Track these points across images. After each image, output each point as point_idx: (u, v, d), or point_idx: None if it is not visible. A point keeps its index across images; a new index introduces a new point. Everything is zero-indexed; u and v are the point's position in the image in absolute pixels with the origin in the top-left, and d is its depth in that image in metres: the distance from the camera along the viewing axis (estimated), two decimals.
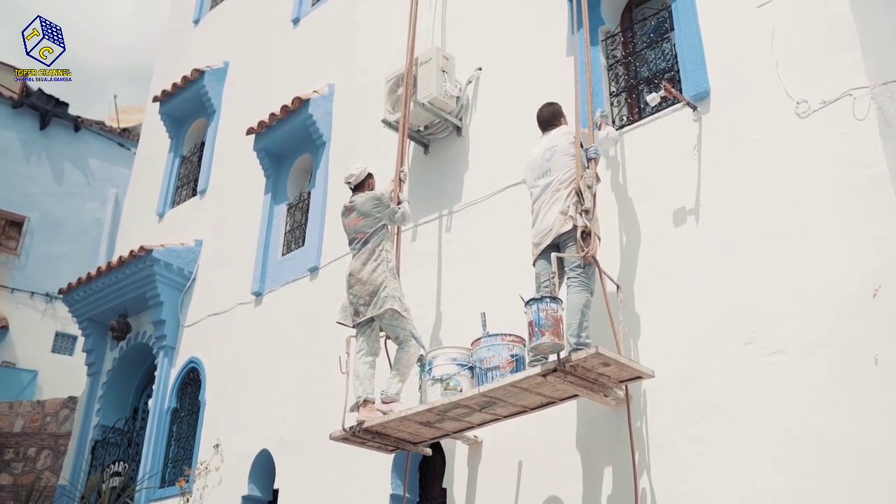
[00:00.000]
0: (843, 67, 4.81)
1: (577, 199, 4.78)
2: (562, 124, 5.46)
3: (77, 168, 18.17)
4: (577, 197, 4.78)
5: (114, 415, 10.06)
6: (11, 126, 17.61)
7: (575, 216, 4.72)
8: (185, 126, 11.40)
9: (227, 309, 8.97)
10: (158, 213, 11.04)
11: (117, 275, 9.73)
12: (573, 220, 4.73)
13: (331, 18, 9.65)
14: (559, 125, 5.44)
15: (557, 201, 4.90)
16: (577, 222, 4.75)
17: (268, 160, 9.22)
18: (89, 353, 10.49)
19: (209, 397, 8.66)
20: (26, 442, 10.55)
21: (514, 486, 5.48)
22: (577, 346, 4.46)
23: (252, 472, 7.70)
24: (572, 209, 4.78)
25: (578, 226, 4.77)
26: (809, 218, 4.67)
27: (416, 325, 5.83)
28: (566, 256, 4.73)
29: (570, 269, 4.76)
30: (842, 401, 4.24)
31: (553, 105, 5.53)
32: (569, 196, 4.85)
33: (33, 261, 16.75)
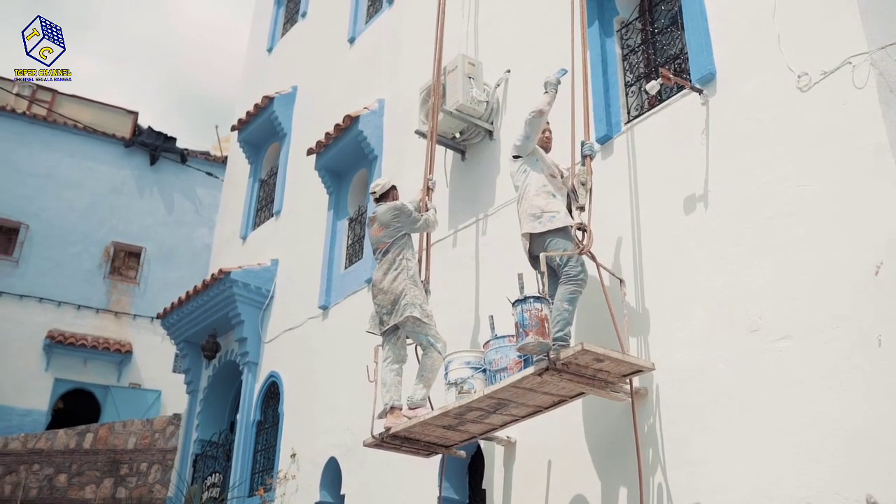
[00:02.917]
0: (843, 34, 4.59)
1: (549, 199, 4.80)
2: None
3: (186, 198, 19.34)
4: (546, 197, 4.79)
5: (211, 429, 10.67)
6: (125, 164, 18.97)
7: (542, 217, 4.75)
8: (262, 151, 11.96)
9: (300, 324, 9.36)
10: (242, 235, 11.62)
11: (203, 297, 10.33)
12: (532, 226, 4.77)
13: (380, 35, 9.91)
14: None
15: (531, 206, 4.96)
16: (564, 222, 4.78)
17: (328, 178, 9.56)
18: (187, 372, 11.17)
19: (287, 409, 9.07)
20: (138, 458, 11.36)
21: (546, 484, 5.50)
22: (556, 343, 4.44)
23: (323, 479, 8.01)
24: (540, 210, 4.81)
25: (573, 224, 4.77)
26: (812, 196, 4.48)
27: (457, 328, 5.93)
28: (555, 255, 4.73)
29: (552, 266, 4.77)
30: (848, 385, 4.05)
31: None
32: (536, 195, 4.87)
33: (151, 287, 17.96)
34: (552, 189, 5.03)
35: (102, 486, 11.33)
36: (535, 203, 4.94)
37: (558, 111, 5.71)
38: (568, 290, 4.67)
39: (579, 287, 4.74)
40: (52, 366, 16.51)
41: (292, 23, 12.67)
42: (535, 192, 4.98)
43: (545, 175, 5.09)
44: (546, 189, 4.97)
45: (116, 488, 11.30)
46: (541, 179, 5.03)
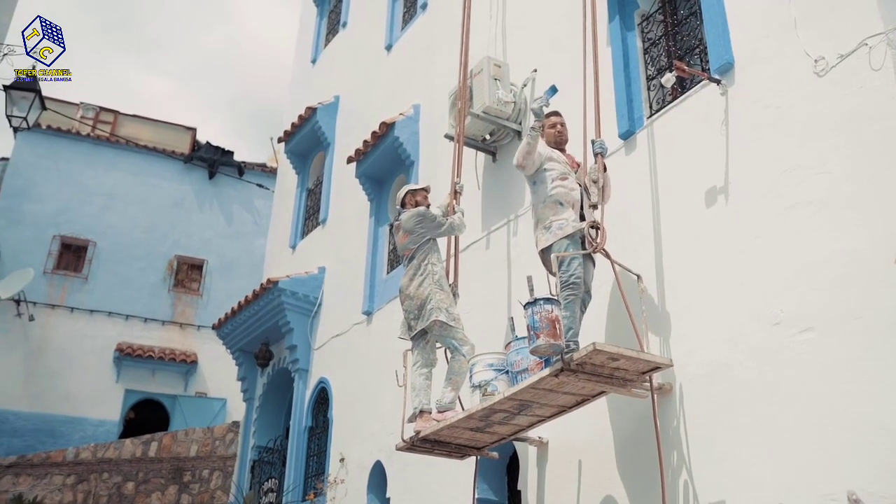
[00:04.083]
0: (858, 15, 4.46)
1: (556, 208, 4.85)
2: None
3: (244, 210, 19.79)
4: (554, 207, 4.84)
5: (267, 435, 10.90)
6: (185, 180, 19.52)
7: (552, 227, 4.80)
8: (308, 161, 12.17)
9: (346, 330, 9.50)
10: (291, 245, 11.85)
11: (254, 307, 10.57)
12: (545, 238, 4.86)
13: (415, 40, 9.99)
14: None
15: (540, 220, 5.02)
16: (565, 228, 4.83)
17: (369, 185, 9.68)
18: (243, 380, 11.44)
19: (335, 414, 9.21)
20: (200, 465, 11.68)
21: (577, 485, 5.47)
22: (567, 348, 4.42)
23: (370, 483, 8.11)
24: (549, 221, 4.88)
25: (586, 222, 4.75)
26: (831, 183, 4.36)
27: (492, 330, 5.93)
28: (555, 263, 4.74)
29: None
30: (872, 377, 3.93)
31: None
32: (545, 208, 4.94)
33: (214, 299, 18.42)
34: (559, 197, 5.04)
35: (167, 493, 11.72)
36: (545, 215, 5.02)
37: (573, 108, 5.69)
38: (562, 296, 4.67)
39: (573, 291, 4.72)
40: (122, 377, 17.09)
41: (334, 33, 12.86)
42: (544, 205, 5.04)
43: (555, 181, 5.10)
44: (553, 199, 5.01)
45: (180, 495, 11.66)
46: (547, 189, 5.06)
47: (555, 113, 5.63)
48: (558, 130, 5.52)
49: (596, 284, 5.31)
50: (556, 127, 5.52)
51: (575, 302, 4.71)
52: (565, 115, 6.14)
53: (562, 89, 6.59)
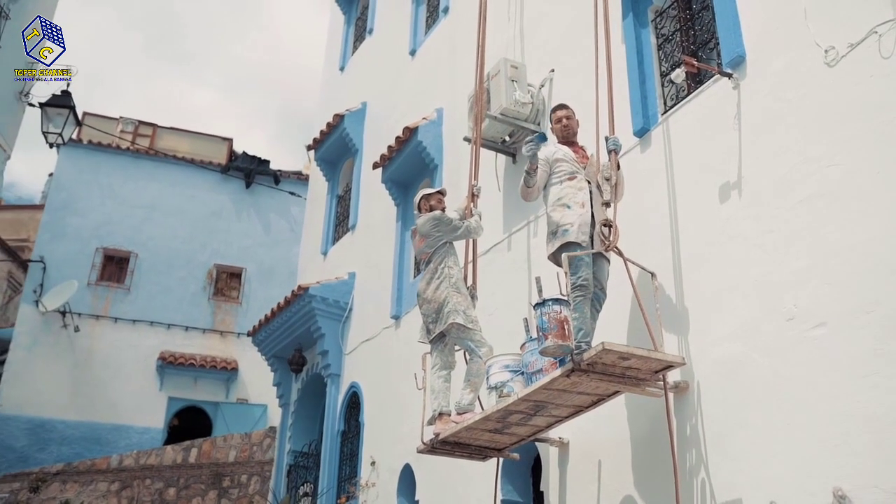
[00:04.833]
0: (868, 2, 4.38)
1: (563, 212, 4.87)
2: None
3: (281, 217, 20.03)
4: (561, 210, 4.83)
5: (302, 440, 11.03)
6: (222, 190, 19.83)
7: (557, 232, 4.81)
8: (338, 168, 12.29)
9: (376, 334, 9.57)
10: (322, 251, 11.97)
11: (286, 314, 10.71)
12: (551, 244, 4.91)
13: (438, 45, 10.04)
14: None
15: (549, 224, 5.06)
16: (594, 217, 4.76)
17: (395, 189, 9.75)
18: (278, 386, 11.59)
19: (367, 418, 9.28)
20: (239, 470, 11.86)
21: (597, 485, 5.44)
22: (578, 348, 4.41)
23: (400, 486, 8.16)
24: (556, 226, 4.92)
25: (598, 220, 4.74)
26: (842, 175, 4.29)
27: (514, 332, 5.93)
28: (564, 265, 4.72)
29: None
30: (885, 373, 3.85)
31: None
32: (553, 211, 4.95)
33: (252, 307, 18.65)
34: (565, 200, 5.03)
35: (207, 498, 11.92)
36: (552, 219, 5.02)
37: (588, 106, 5.67)
38: (571, 297, 4.65)
39: (581, 293, 4.69)
40: (166, 385, 17.42)
41: (361, 41, 12.97)
42: (552, 209, 5.04)
43: (563, 183, 5.10)
44: (560, 202, 5.00)
45: (220, 500, 11.85)
46: (556, 192, 5.06)
47: (560, 106, 5.60)
48: (564, 124, 5.49)
49: (612, 283, 5.29)
50: (562, 121, 5.49)
51: (584, 303, 4.69)
52: (580, 114, 6.13)
53: (577, 88, 6.62)
